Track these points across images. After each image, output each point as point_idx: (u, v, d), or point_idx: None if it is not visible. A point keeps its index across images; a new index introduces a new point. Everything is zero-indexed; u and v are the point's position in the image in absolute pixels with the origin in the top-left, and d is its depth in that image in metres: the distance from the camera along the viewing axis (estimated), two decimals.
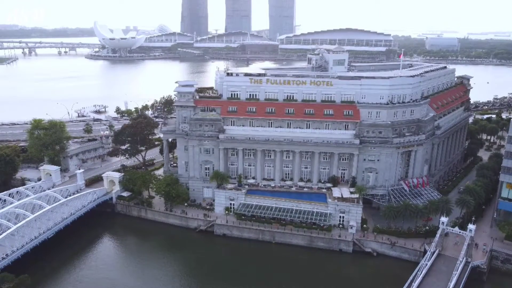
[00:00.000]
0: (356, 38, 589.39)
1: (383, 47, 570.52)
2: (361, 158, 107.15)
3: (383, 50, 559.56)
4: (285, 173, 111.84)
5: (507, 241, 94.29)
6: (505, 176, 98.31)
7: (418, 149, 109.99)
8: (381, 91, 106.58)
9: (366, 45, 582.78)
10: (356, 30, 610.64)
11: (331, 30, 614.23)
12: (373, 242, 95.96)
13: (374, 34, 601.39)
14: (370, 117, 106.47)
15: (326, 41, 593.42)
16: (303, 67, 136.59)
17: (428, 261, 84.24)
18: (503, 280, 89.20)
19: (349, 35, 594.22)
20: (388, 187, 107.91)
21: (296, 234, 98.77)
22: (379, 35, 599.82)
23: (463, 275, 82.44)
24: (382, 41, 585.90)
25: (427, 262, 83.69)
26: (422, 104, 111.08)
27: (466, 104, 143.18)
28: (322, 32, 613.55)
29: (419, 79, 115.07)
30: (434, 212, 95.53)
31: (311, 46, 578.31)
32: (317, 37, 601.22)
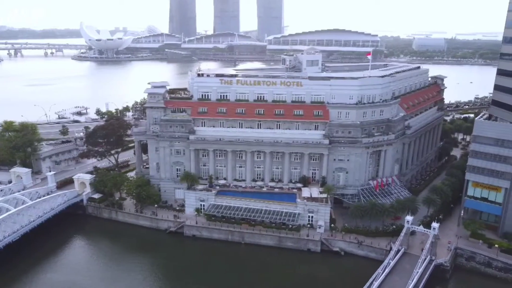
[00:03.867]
0: (343, 39, 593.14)
1: (370, 47, 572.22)
2: (331, 158, 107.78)
3: (370, 50, 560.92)
4: (257, 173, 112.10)
5: (472, 239, 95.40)
6: (471, 175, 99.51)
7: (388, 149, 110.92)
8: (350, 92, 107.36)
9: (354, 45, 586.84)
10: (344, 31, 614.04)
11: (319, 31, 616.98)
12: (341, 242, 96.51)
13: (361, 35, 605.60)
14: (340, 117, 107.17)
15: (314, 41, 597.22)
16: (278, 68, 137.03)
17: (392, 260, 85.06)
18: (467, 277, 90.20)
19: (336, 36, 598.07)
20: (359, 186, 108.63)
21: (265, 235, 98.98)
22: (366, 36, 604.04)
23: (426, 273, 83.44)
24: (369, 41, 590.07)
25: (391, 261, 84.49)
26: (392, 104, 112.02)
27: (439, 104, 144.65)
28: (310, 32, 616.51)
29: (390, 79, 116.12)
30: (401, 211, 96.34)
31: (299, 47, 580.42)
32: (304, 38, 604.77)
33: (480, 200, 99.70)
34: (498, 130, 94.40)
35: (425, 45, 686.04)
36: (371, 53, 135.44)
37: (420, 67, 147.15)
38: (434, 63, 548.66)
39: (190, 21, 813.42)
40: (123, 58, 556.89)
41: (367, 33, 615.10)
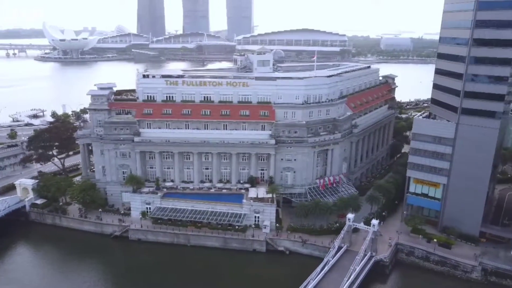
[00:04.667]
0: (312, 38, 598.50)
1: (338, 47, 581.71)
2: (278, 158, 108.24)
3: (337, 50, 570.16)
4: (205, 174, 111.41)
5: (413, 234, 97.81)
6: (412, 171, 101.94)
7: (335, 148, 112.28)
8: (296, 92, 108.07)
9: (322, 45, 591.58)
10: (312, 31, 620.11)
11: (288, 31, 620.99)
12: (286, 241, 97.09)
13: (329, 35, 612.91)
14: (286, 117, 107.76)
15: (283, 41, 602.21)
16: (229, 68, 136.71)
17: (332, 258, 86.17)
18: (407, 271, 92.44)
19: (305, 36, 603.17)
20: (306, 185, 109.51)
21: (210, 236, 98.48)
22: (334, 36, 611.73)
23: (364, 269, 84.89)
24: (337, 41, 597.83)
25: (330, 259, 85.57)
26: (338, 103, 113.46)
27: (390, 102, 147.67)
28: (279, 32, 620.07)
29: (337, 79, 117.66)
30: (344, 209, 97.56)
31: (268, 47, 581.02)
32: (274, 38, 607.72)
33: (421, 196, 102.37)
34: (436, 128, 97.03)
35: (392, 45, 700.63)
36: (315, 55, 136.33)
37: (370, 66, 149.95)
38: (400, 62, 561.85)
39: (158, 20, 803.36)
40: (88, 59, 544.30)
41: (335, 33, 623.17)
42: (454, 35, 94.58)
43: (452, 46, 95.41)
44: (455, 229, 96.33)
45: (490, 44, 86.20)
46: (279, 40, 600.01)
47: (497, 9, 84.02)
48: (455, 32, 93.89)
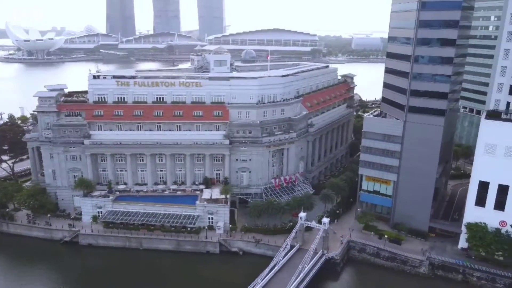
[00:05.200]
0: (283, 38, 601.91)
1: (309, 47, 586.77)
2: (233, 158, 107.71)
3: (308, 50, 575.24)
4: (159, 176, 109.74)
5: (365, 231, 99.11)
6: (363, 169, 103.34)
7: (291, 147, 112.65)
8: (250, 91, 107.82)
9: (293, 45, 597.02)
10: (284, 30, 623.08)
11: (259, 31, 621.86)
12: (240, 242, 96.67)
13: (300, 34, 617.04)
14: (240, 117, 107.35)
15: (254, 41, 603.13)
16: (186, 68, 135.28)
17: (282, 257, 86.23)
18: (358, 268, 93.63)
19: (276, 36, 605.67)
20: (262, 185, 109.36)
21: (163, 239, 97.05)
22: (305, 35, 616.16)
23: (314, 267, 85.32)
24: (308, 41, 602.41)
25: (280, 258, 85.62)
26: (293, 103, 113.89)
27: (349, 101, 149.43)
28: (251, 32, 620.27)
29: (292, 78, 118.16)
30: (297, 208, 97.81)
31: (239, 46, 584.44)
32: (245, 37, 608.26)
33: (373, 193, 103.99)
34: (385, 126, 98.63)
35: (363, 44, 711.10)
36: (269, 55, 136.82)
37: (328, 66, 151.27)
38: (370, 61, 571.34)
39: (128, 20, 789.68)
40: (55, 60, 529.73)
41: (306, 32, 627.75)
42: (400, 35, 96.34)
43: (399, 45, 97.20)
44: (405, 225, 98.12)
45: (433, 44, 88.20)
46: (251, 40, 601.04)
47: (438, 9, 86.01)
48: (401, 32, 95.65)
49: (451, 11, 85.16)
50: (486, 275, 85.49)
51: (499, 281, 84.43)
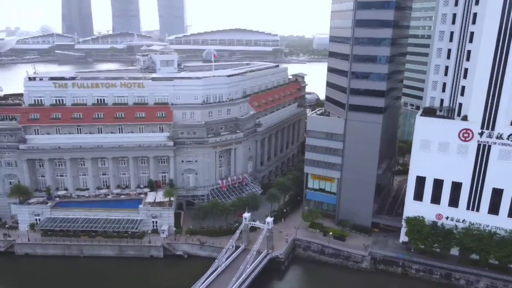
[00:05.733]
0: (245, 38, 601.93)
1: (270, 47, 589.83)
2: (178, 160, 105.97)
3: (270, 50, 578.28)
4: (102, 180, 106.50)
5: (311, 229, 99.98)
6: (308, 168, 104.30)
7: (238, 147, 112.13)
8: (195, 92, 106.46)
9: (255, 45, 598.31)
10: (245, 30, 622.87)
11: (221, 31, 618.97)
12: (184, 245, 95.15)
13: (262, 34, 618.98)
14: (185, 118, 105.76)
15: (216, 41, 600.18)
16: (132, 69, 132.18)
17: (225, 258, 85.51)
18: (303, 266, 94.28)
19: (238, 35, 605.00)
20: (209, 187, 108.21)
21: (104, 245, 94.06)
22: (267, 35, 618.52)
23: (258, 267, 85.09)
24: (269, 41, 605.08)
25: (223, 260, 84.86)
26: (240, 102, 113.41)
27: (300, 100, 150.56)
28: (212, 32, 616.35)
29: (239, 78, 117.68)
30: (242, 208, 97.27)
31: (201, 46, 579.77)
32: (207, 37, 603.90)
33: (319, 191, 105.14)
34: (327, 125, 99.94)
35: (324, 44, 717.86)
36: (216, 55, 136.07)
37: (279, 65, 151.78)
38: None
39: (85, 20, 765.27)
40: (5, 61, 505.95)
41: (267, 32, 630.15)
42: (340, 34, 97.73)
43: (338, 44, 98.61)
44: (349, 221, 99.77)
45: (369, 43, 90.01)
46: (212, 40, 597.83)
47: (373, 9, 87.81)
48: (340, 32, 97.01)
49: (385, 11, 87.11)
50: (424, 267, 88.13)
51: (436, 272, 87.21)
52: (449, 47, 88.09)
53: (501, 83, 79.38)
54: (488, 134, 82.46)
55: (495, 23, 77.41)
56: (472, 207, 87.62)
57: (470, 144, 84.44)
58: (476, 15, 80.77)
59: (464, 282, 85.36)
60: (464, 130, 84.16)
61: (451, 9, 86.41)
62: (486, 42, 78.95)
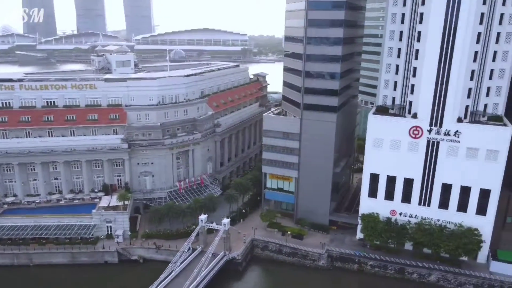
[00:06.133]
0: (213, 38, 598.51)
1: (239, 46, 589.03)
2: (134, 162, 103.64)
3: (238, 49, 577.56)
4: (55, 185, 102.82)
5: (269, 228, 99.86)
6: (266, 167, 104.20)
7: (196, 148, 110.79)
8: (150, 92, 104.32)
9: (224, 44, 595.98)
10: (214, 30, 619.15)
11: (189, 30, 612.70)
12: (140, 249, 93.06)
13: (231, 34, 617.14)
14: (140, 120, 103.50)
15: (184, 41, 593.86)
16: (86, 70, 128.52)
17: (180, 262, 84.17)
18: (261, 266, 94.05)
19: (207, 35, 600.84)
20: (166, 189, 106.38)
21: (56, 253, 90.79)
22: (235, 35, 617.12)
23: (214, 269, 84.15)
24: (238, 40, 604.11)
25: (178, 263, 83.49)
26: (197, 103, 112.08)
27: (261, 100, 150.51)
28: (180, 32, 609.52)
29: (197, 78, 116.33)
30: (199, 210, 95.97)
31: (168, 47, 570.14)
32: (174, 37, 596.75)
33: (277, 190, 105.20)
34: (283, 124, 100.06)
35: None
36: (168, 54, 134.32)
37: (239, 65, 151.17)
38: None
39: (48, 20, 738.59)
40: None
41: (236, 32, 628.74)
42: (293, 34, 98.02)
43: (293, 44, 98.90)
44: (307, 220, 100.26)
45: (321, 42, 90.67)
46: (180, 40, 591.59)
47: (323, 9, 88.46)
48: (294, 31, 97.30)
49: (335, 11, 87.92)
50: (379, 263, 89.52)
51: (390, 267, 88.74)
52: (399, 46, 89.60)
53: (447, 81, 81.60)
54: (436, 131, 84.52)
55: (439, 23, 79.47)
56: (424, 203, 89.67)
57: (420, 141, 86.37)
58: (422, 15, 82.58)
59: (417, 276, 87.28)
60: (414, 127, 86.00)
61: (400, 9, 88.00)
62: (431, 41, 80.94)
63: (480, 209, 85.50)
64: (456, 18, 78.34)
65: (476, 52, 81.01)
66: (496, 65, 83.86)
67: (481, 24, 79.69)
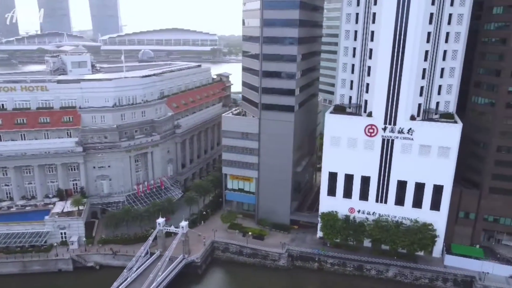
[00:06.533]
0: (183, 38, 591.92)
1: (209, 46, 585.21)
2: (90, 166, 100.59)
3: (208, 49, 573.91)
4: (5, 192, 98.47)
5: (230, 230, 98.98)
6: (226, 168, 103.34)
7: (155, 150, 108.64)
8: (105, 94, 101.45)
9: (193, 44, 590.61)
10: (183, 30, 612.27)
11: (158, 30, 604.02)
12: (96, 255, 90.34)
13: (200, 34, 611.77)
14: (95, 122, 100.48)
15: (152, 41, 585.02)
16: (41, 71, 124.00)
17: (137, 267, 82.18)
18: (222, 268, 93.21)
19: (176, 35, 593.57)
20: (125, 193, 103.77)
21: (5, 262, 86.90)
22: (205, 35, 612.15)
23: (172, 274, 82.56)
24: (207, 40, 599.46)
25: (134, 268, 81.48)
26: (156, 104, 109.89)
27: (225, 100, 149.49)
28: (149, 32, 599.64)
29: (155, 79, 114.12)
30: (157, 213, 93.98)
31: (136, 47, 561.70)
32: (143, 37, 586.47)
33: (238, 191, 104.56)
34: (242, 125, 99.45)
35: None
36: (123, 54, 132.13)
37: (201, 65, 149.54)
38: None
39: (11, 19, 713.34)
40: None
41: (205, 32, 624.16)
42: (250, 34, 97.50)
43: (250, 44, 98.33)
44: (268, 220, 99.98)
45: (277, 42, 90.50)
46: (149, 40, 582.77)
47: (278, 8, 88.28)
48: (251, 31, 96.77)
49: (290, 10, 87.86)
50: (338, 261, 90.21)
51: (349, 264, 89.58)
52: (354, 46, 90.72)
53: (399, 80, 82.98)
54: (391, 129, 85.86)
55: (391, 22, 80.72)
56: (381, 200, 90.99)
57: (375, 139, 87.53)
58: (375, 15, 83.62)
59: (375, 272, 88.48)
60: (369, 126, 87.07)
61: (354, 9, 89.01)
62: (384, 40, 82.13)
63: (434, 204, 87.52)
64: (406, 17, 79.79)
65: (427, 51, 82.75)
66: (447, 64, 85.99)
67: (430, 24, 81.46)
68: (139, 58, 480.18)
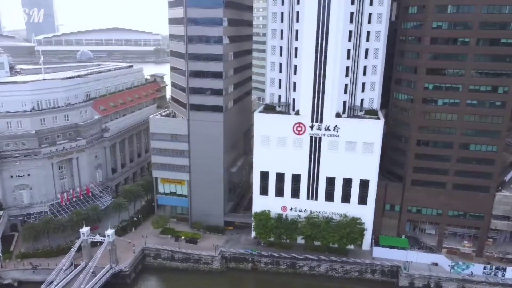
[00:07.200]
0: (124, 38, 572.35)
1: (152, 46, 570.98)
2: (6, 175, 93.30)
3: (151, 49, 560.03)
4: None
5: (162, 235, 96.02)
6: (156, 172, 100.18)
7: (81, 156, 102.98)
8: (22, 97, 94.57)
9: (135, 44, 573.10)
10: (124, 30, 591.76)
11: (97, 30, 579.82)
12: (14, 271, 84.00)
13: (143, 34, 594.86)
14: (11, 128, 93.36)
15: (91, 41, 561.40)
16: None
17: (57, 280, 77.17)
18: (152, 275, 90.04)
19: (117, 35, 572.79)
20: (48, 202, 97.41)
21: None
22: (148, 35, 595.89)
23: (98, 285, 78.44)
24: (150, 40, 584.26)
25: (54, 282, 76.46)
26: (80, 107, 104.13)
27: (159, 101, 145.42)
28: (87, 31, 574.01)
29: (79, 80, 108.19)
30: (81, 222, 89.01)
31: (74, 47, 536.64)
32: (81, 37, 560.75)
33: (170, 195, 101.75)
34: (171, 126, 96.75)
35: None
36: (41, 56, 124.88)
37: (133, 66, 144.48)
38: None
39: None
40: None
41: (148, 32, 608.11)
42: (176, 32, 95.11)
43: (176, 43, 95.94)
44: (202, 223, 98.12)
45: (202, 41, 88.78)
46: (88, 40, 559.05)
47: (201, 7, 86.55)
48: (176, 30, 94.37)
49: (214, 9, 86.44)
50: (271, 260, 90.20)
51: (282, 263, 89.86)
52: (281, 45, 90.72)
53: (324, 78, 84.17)
54: (318, 127, 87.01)
55: (313, 21, 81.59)
56: (311, 197, 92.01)
57: (303, 137, 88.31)
58: (298, 14, 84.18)
59: (308, 269, 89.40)
60: (297, 124, 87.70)
61: (279, 8, 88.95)
62: (307, 39, 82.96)
63: (361, 199, 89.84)
64: (328, 16, 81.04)
65: (349, 49, 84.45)
66: (369, 62, 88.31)
67: (351, 23, 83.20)
68: (77, 59, 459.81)
